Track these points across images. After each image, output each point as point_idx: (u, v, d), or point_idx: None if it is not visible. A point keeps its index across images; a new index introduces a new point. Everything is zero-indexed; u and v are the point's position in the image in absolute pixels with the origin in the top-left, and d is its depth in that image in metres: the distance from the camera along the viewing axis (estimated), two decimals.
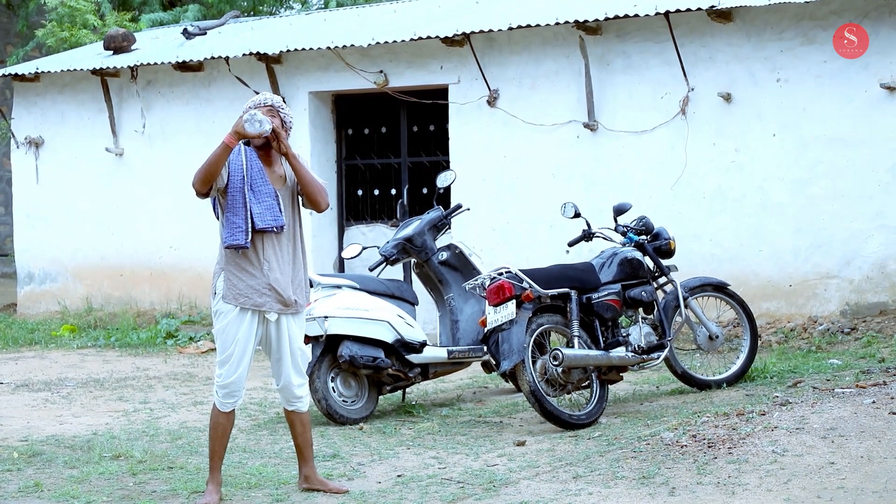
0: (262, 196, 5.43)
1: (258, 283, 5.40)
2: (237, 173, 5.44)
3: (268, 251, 5.43)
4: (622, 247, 7.63)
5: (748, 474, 5.21)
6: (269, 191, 5.45)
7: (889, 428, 5.60)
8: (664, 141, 10.05)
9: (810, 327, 9.37)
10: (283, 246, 5.48)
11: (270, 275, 5.41)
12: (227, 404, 5.51)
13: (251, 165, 5.47)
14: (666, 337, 7.42)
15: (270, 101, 5.58)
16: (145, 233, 12.73)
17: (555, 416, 6.83)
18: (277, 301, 5.43)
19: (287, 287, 5.45)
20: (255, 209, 5.40)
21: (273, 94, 5.71)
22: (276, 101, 5.59)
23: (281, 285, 5.43)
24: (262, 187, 5.45)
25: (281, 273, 5.44)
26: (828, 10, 9.35)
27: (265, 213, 5.41)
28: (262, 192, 5.44)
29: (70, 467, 6.33)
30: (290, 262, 5.49)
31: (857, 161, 9.30)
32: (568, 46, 10.38)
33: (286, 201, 5.54)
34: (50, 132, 13.37)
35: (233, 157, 5.45)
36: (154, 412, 8.12)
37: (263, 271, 5.41)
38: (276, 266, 5.43)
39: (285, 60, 11.80)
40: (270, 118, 5.46)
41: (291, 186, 5.59)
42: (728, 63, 9.78)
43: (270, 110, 5.51)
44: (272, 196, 5.45)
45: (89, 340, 11.98)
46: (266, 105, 5.52)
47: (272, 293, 5.41)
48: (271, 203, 5.43)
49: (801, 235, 9.54)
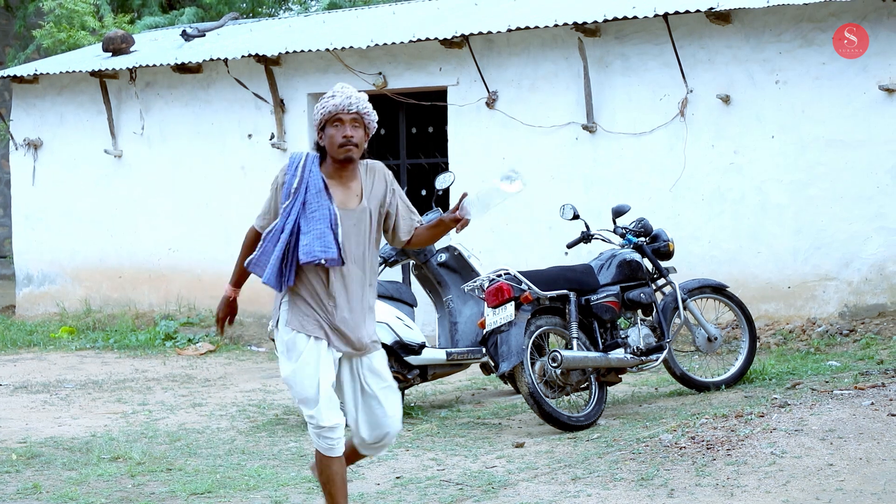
0: (313, 223, 4.47)
1: (325, 322, 4.53)
2: (285, 198, 4.54)
3: (335, 286, 4.53)
4: (621, 248, 7.63)
5: (747, 476, 5.21)
6: (324, 216, 4.48)
7: (888, 429, 5.60)
8: (663, 143, 10.06)
9: (809, 329, 9.37)
10: (354, 279, 4.56)
11: (337, 314, 4.52)
12: (333, 447, 4.52)
13: (308, 185, 4.52)
14: (665, 339, 7.43)
15: (356, 106, 4.56)
16: (144, 234, 12.73)
17: (553, 417, 6.83)
18: (345, 343, 4.55)
19: (357, 328, 4.56)
20: (302, 239, 4.47)
21: (357, 94, 4.60)
22: (363, 106, 4.59)
23: (350, 326, 4.54)
24: (315, 212, 4.48)
25: (350, 311, 4.54)
26: (826, 12, 9.35)
27: (314, 244, 4.46)
28: (316, 217, 4.48)
29: (69, 469, 6.33)
30: (363, 299, 4.59)
31: (856, 163, 9.31)
32: (567, 48, 10.39)
33: (359, 226, 4.56)
34: (49, 134, 13.36)
35: (288, 176, 4.56)
36: (153, 414, 8.12)
37: (329, 309, 4.53)
38: (343, 303, 4.54)
39: (284, 62, 11.80)
40: (353, 127, 4.55)
41: (370, 208, 4.59)
42: (727, 65, 9.79)
43: (356, 119, 4.57)
44: (326, 222, 4.47)
45: (88, 342, 11.97)
46: (351, 112, 4.56)
47: (336, 335, 4.54)
48: (323, 231, 4.46)
49: (800, 237, 9.55)
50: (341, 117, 4.54)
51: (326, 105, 4.56)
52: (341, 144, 4.53)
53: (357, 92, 4.61)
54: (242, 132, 12.15)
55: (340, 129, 4.53)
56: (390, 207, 4.65)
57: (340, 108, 4.53)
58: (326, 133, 4.57)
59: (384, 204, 4.63)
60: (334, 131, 4.54)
